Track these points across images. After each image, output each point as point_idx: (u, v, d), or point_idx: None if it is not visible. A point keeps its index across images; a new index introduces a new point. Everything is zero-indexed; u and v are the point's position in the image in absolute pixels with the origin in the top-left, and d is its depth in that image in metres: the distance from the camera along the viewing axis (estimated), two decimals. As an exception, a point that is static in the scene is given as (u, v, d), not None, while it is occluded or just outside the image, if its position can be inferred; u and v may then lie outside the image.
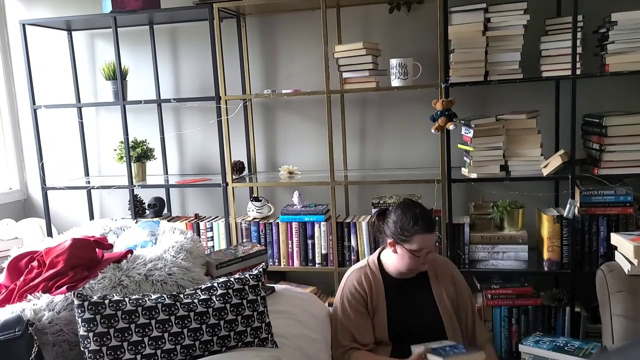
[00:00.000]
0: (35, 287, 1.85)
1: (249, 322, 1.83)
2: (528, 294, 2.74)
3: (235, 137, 3.21)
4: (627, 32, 2.49)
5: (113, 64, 3.20)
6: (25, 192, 3.77)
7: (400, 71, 2.78)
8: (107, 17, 3.04)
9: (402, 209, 2.18)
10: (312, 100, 3.19)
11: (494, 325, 2.78)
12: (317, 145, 3.25)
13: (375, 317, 2.21)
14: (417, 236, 2.12)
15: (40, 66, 3.53)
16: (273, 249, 3.06)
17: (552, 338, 2.44)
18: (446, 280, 2.26)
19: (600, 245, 2.65)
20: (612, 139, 2.52)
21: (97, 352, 1.64)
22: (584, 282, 2.58)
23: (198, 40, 3.29)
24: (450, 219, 2.77)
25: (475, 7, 2.62)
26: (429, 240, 2.14)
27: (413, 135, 3.13)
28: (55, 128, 3.61)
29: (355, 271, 2.28)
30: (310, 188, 3.18)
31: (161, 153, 3.45)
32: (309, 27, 3.16)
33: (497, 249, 2.75)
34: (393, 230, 2.17)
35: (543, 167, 2.66)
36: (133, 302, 1.71)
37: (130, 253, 2.01)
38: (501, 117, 2.70)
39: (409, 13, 3.04)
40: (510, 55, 2.62)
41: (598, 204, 2.63)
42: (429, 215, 2.18)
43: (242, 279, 1.87)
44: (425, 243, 2.12)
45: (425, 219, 2.13)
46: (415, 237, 2.12)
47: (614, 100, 2.85)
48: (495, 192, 2.86)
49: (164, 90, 3.43)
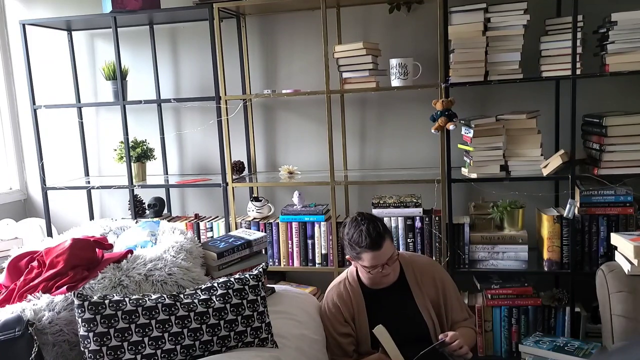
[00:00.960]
0: (35, 287, 1.85)
1: (249, 322, 1.83)
2: (528, 294, 2.74)
3: (235, 137, 3.21)
4: (627, 32, 2.49)
5: (113, 64, 3.20)
6: (25, 192, 3.77)
7: (400, 71, 2.78)
8: (107, 17, 3.05)
9: (351, 225, 2.12)
10: (312, 100, 3.19)
11: (494, 325, 2.78)
12: (317, 145, 3.25)
13: (358, 330, 2.18)
14: (365, 254, 2.07)
15: (40, 66, 3.53)
16: (273, 249, 3.06)
17: (552, 338, 2.44)
18: (428, 284, 2.20)
19: (600, 245, 2.65)
20: (612, 139, 2.52)
21: (97, 352, 1.64)
22: (584, 282, 2.58)
23: (198, 40, 3.30)
24: (450, 219, 2.77)
25: (475, 7, 2.62)
26: (379, 257, 2.06)
27: (413, 135, 3.13)
28: (55, 128, 3.61)
29: (334, 287, 2.24)
30: (310, 188, 3.18)
31: (161, 153, 3.45)
32: (309, 27, 3.16)
33: (497, 249, 2.75)
34: (346, 246, 2.14)
35: (543, 167, 2.66)
36: (133, 302, 1.71)
37: (130, 253, 2.01)
38: (501, 117, 2.70)
39: (409, 13, 3.04)
40: (510, 55, 2.62)
41: (598, 204, 2.63)
42: (378, 230, 2.07)
43: (242, 279, 1.87)
44: (374, 260, 2.06)
45: (371, 236, 2.04)
46: (364, 254, 2.07)
47: (614, 100, 2.85)
48: (495, 192, 2.86)
49: (164, 90, 3.43)
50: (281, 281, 3.16)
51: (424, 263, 2.28)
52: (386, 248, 2.08)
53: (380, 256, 2.07)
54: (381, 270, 2.09)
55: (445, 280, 2.25)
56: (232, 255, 2.19)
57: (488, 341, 2.80)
